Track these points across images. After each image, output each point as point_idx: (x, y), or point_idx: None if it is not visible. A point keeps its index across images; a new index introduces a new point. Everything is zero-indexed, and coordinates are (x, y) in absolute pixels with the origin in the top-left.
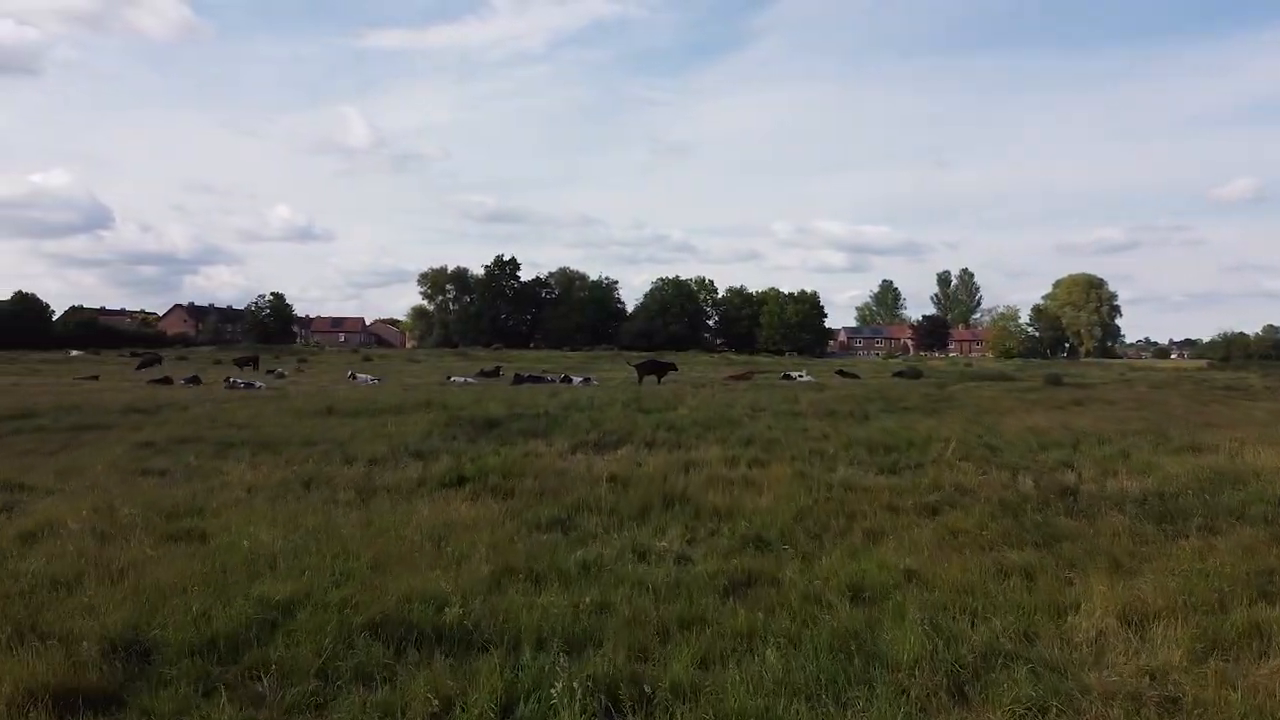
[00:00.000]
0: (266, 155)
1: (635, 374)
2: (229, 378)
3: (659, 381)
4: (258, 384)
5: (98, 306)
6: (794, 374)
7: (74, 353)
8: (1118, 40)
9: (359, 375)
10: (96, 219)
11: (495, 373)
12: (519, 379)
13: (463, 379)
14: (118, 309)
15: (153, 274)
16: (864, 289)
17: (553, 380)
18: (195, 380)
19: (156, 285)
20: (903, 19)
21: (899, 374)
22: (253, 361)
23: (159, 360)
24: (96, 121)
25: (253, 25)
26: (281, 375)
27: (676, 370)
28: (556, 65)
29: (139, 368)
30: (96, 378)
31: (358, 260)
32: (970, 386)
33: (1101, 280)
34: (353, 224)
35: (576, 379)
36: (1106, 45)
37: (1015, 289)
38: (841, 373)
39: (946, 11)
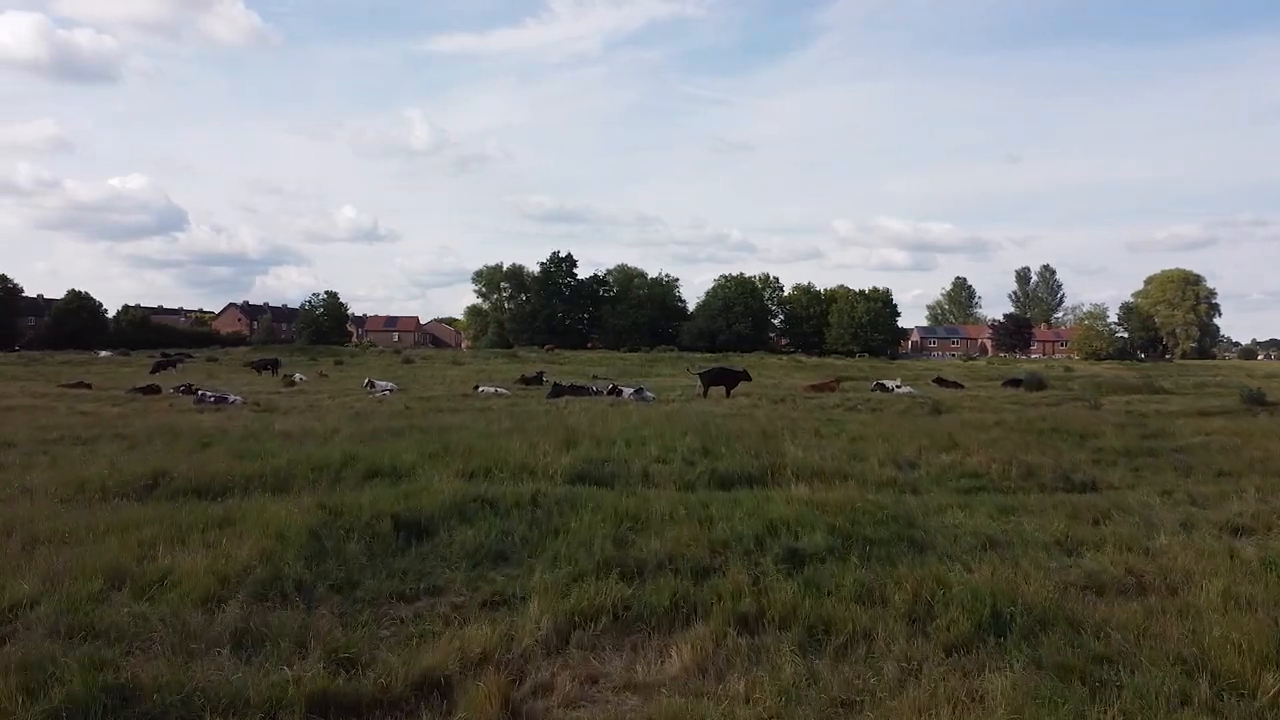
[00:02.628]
0: (333, 158)
1: (699, 384)
2: (199, 391)
3: (728, 394)
4: (231, 398)
5: (155, 305)
6: (889, 384)
7: (104, 353)
8: (1191, 31)
9: (377, 384)
10: (171, 221)
11: (537, 379)
12: (558, 390)
13: (493, 388)
14: (175, 308)
15: (225, 274)
16: (927, 288)
17: (597, 392)
18: (188, 389)
19: (228, 285)
20: (965, 14)
21: (1013, 383)
22: (271, 365)
23: (174, 363)
24: (171, 127)
25: (318, 31)
26: (293, 382)
27: (749, 379)
28: (613, 66)
29: (153, 370)
30: (88, 386)
31: (421, 260)
32: (1139, 405)
33: (1198, 277)
34: (416, 225)
35: (627, 390)
36: (1179, 36)
37: (1087, 287)
38: (941, 381)
39: (1011, 5)
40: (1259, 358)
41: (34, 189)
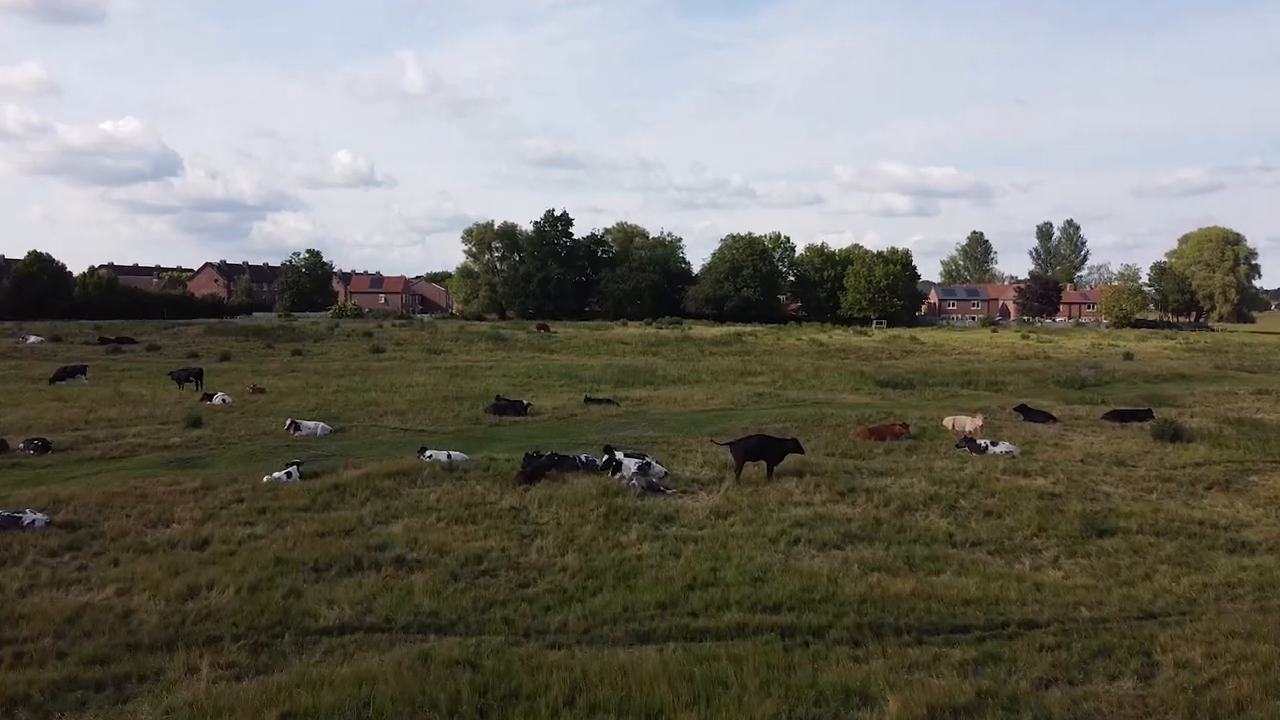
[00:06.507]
0: (327, 102)
1: (731, 456)
2: None
3: (770, 473)
4: (27, 519)
5: (130, 264)
6: (977, 438)
7: (32, 339)
8: None
9: (302, 425)
10: (165, 166)
11: (514, 408)
12: (533, 467)
13: (444, 454)
14: (150, 266)
15: (222, 221)
16: (929, 233)
17: (588, 462)
18: (41, 446)
19: (227, 232)
20: None
21: (1120, 417)
22: (195, 377)
23: (81, 370)
24: (161, 70)
25: None
26: (198, 422)
27: (800, 450)
28: (608, 7)
29: (54, 379)
30: None
31: (419, 206)
32: None
33: (1238, 235)
34: (413, 170)
35: (629, 462)
36: None
37: (1090, 233)
38: (1026, 411)
39: None
40: (1272, 307)
41: (24, 133)
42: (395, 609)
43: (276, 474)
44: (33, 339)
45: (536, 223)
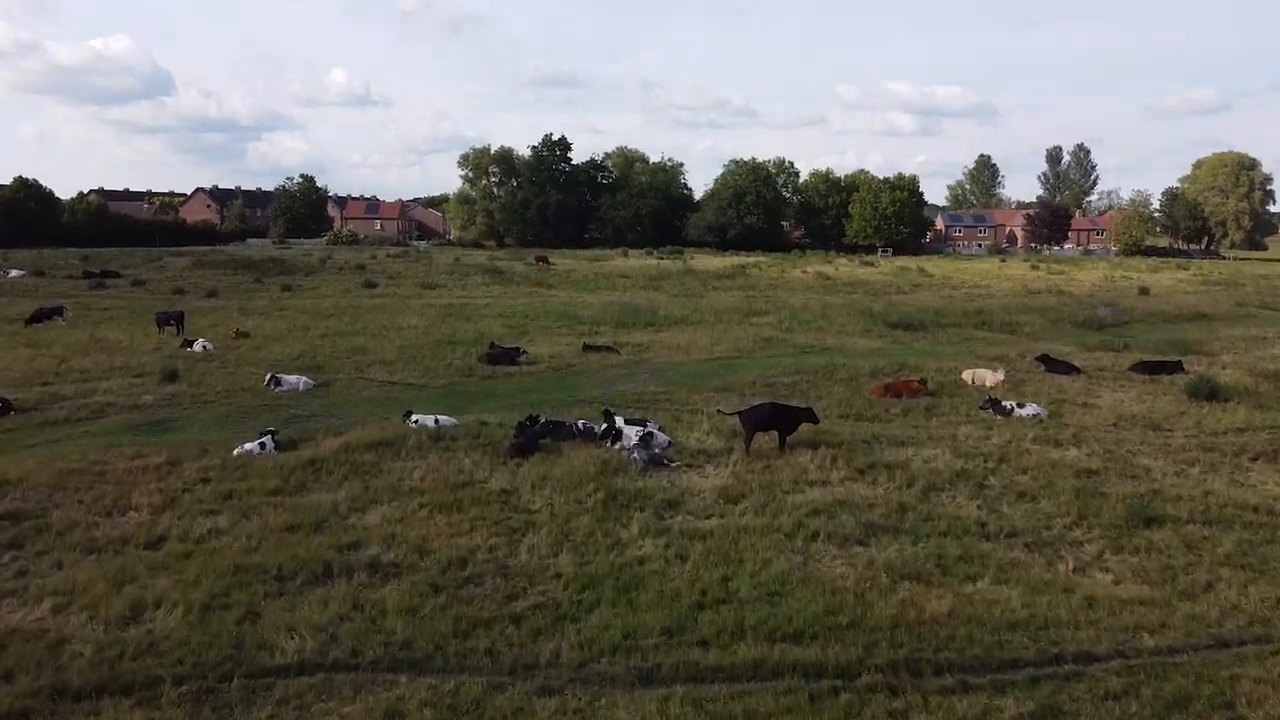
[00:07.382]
0: (320, 17)
1: (739, 425)
2: None
3: (782, 444)
4: None
5: (121, 188)
6: (992, 387)
7: (14, 273)
8: None
9: (284, 380)
10: (157, 85)
11: (509, 357)
12: (528, 438)
13: (432, 419)
14: (141, 191)
15: (217, 141)
16: (933, 153)
17: (586, 428)
18: (3, 407)
19: (223, 153)
20: None
21: (1149, 369)
22: (176, 320)
23: (59, 311)
24: None
25: None
26: (175, 374)
27: (815, 420)
28: None
29: (30, 321)
30: None
31: (416, 127)
32: None
33: (1254, 160)
34: (410, 90)
35: (630, 431)
36: None
37: (1095, 155)
38: (1048, 362)
39: None
40: None
41: (13, 50)
42: (364, 637)
43: (249, 445)
44: (14, 273)
45: (534, 147)
